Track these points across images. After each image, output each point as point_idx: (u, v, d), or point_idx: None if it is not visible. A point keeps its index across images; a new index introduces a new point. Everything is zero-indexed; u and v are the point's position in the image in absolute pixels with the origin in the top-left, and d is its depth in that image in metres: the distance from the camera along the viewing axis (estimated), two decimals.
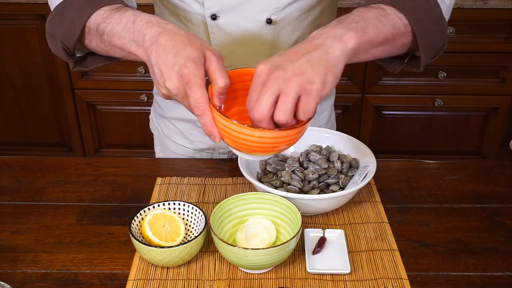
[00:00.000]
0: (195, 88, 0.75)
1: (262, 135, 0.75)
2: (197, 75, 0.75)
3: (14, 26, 2.21)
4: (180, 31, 0.80)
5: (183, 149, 1.25)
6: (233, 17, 1.03)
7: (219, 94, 0.77)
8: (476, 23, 2.14)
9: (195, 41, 0.79)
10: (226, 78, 0.77)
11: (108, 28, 0.85)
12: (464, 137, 2.39)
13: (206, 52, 0.77)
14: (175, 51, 0.76)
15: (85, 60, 0.97)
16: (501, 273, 0.88)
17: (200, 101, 0.75)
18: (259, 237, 0.89)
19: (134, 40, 0.82)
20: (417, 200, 1.04)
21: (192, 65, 0.75)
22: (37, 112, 2.41)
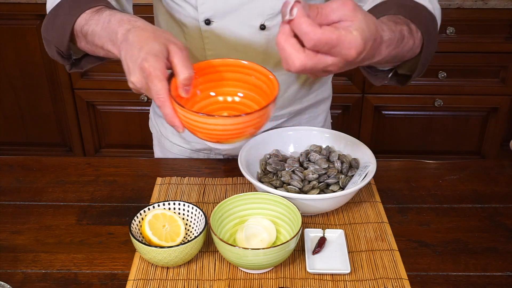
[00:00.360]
0: (155, 81, 0.77)
1: (221, 122, 0.76)
2: (157, 68, 0.76)
3: (14, 26, 2.21)
4: (148, 27, 0.82)
5: (180, 149, 1.25)
6: (226, 22, 1.03)
7: (183, 85, 0.79)
8: (476, 23, 2.14)
9: (160, 35, 0.80)
10: (189, 70, 0.78)
11: (90, 29, 0.88)
12: (464, 137, 2.39)
13: (170, 45, 0.79)
14: (139, 46, 0.78)
15: (80, 62, 1.00)
16: (501, 273, 0.88)
17: (160, 93, 0.77)
18: (259, 237, 0.89)
19: (110, 39, 0.84)
20: (417, 200, 1.04)
21: (153, 59, 0.76)
22: (37, 112, 2.41)
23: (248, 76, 0.85)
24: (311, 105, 1.21)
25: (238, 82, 0.86)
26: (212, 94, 0.86)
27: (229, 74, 0.85)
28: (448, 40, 2.16)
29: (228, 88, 0.86)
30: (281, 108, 1.17)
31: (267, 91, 0.83)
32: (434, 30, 0.90)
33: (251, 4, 1.01)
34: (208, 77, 0.85)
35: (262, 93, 0.84)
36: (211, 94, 0.86)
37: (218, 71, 0.85)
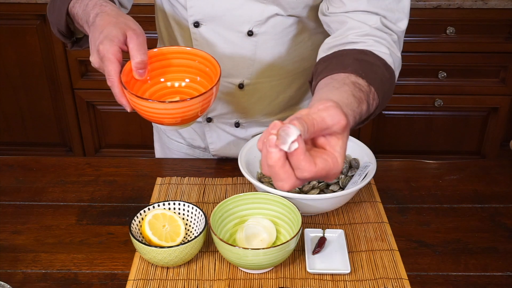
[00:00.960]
0: (107, 63, 0.83)
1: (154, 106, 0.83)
2: (109, 51, 0.82)
3: (14, 26, 2.21)
4: (112, 13, 0.88)
5: (177, 145, 1.26)
6: (215, 26, 1.04)
7: (136, 69, 0.85)
8: (476, 23, 2.14)
9: (121, 21, 0.86)
10: (142, 55, 0.84)
11: (75, 11, 0.94)
12: (464, 137, 2.39)
13: (128, 31, 0.85)
14: (100, 30, 0.85)
15: (81, 41, 1.06)
16: (501, 273, 0.88)
17: (110, 74, 0.83)
18: (259, 237, 0.89)
19: (86, 21, 0.91)
20: (417, 200, 1.04)
21: (108, 42, 0.83)
22: (37, 112, 2.41)
23: (193, 61, 0.92)
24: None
25: (185, 68, 0.92)
26: (162, 80, 0.93)
27: (176, 60, 0.92)
28: (448, 40, 2.16)
29: (176, 74, 0.93)
30: (269, 114, 1.17)
31: (210, 74, 0.90)
32: (390, 89, 0.90)
33: (239, 10, 1.01)
34: (158, 64, 0.91)
35: (207, 77, 0.91)
36: (161, 80, 0.93)
37: (166, 58, 0.92)
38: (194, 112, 0.84)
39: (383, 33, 0.92)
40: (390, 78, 0.90)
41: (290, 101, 1.17)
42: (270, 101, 1.15)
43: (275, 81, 1.11)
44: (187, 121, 0.86)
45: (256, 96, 1.13)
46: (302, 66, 1.12)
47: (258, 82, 1.11)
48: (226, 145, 1.18)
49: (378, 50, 0.90)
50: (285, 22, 1.04)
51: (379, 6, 0.92)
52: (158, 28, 1.17)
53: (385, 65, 0.89)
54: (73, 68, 2.28)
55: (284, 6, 1.01)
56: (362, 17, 0.93)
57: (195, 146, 1.24)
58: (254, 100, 1.13)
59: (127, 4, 1.10)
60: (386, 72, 0.89)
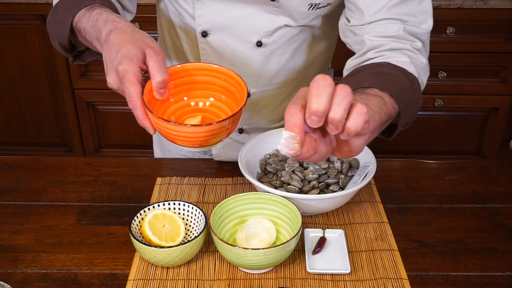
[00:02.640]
0: (128, 84, 0.79)
1: (182, 129, 0.79)
2: (130, 72, 0.78)
3: (14, 26, 2.21)
4: (127, 29, 0.84)
5: (176, 147, 1.25)
6: (223, 36, 1.04)
7: (157, 88, 0.81)
8: (476, 23, 2.14)
9: (138, 38, 0.82)
10: (164, 73, 0.80)
11: (82, 26, 0.91)
12: (464, 137, 2.39)
13: (146, 49, 0.81)
14: (117, 48, 0.81)
15: (83, 54, 1.03)
16: (501, 273, 0.88)
17: (131, 96, 0.79)
18: (259, 237, 0.89)
19: (96, 37, 0.87)
20: (417, 200, 1.04)
21: (127, 63, 0.79)
22: (37, 112, 2.41)
23: (219, 79, 0.87)
24: None
25: (209, 85, 0.88)
26: (185, 98, 0.88)
27: (201, 77, 0.88)
28: (448, 40, 2.16)
29: (200, 91, 0.89)
30: (273, 121, 1.17)
31: (236, 94, 0.86)
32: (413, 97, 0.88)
33: (247, 21, 1.01)
34: (181, 81, 0.87)
35: (233, 97, 0.87)
36: (184, 99, 0.88)
37: (190, 75, 0.88)
38: (223, 133, 0.81)
39: (404, 42, 0.91)
40: (411, 86, 0.88)
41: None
42: (274, 108, 1.15)
43: (279, 89, 1.12)
44: (215, 142, 0.82)
45: (260, 104, 1.13)
46: (306, 72, 1.13)
47: (263, 91, 1.11)
48: (229, 150, 1.17)
49: (397, 60, 0.89)
50: (293, 31, 1.04)
51: (401, 13, 0.91)
52: (161, 35, 1.16)
53: (405, 74, 0.88)
54: (73, 68, 2.28)
55: (295, 17, 1.00)
56: (383, 27, 0.92)
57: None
58: (259, 107, 1.13)
59: (132, 9, 1.08)
60: (405, 80, 0.87)
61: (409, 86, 0.88)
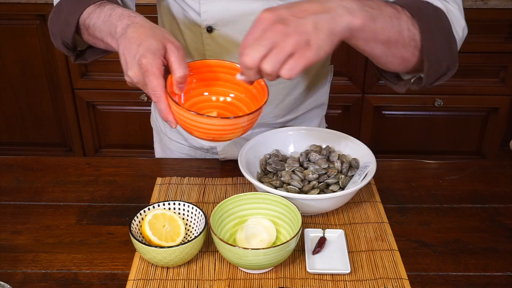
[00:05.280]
0: (152, 77, 0.79)
1: (211, 122, 0.79)
2: (154, 65, 0.79)
3: (14, 26, 2.21)
4: (146, 24, 0.84)
5: (178, 146, 1.26)
6: (228, 31, 1.04)
7: (178, 83, 0.81)
8: (476, 23, 2.13)
9: (158, 33, 0.83)
10: (185, 68, 0.81)
11: (91, 22, 0.91)
12: (464, 137, 2.39)
13: (167, 44, 0.81)
14: (138, 42, 0.81)
15: (84, 53, 1.03)
16: (501, 273, 0.88)
17: (156, 89, 0.79)
18: (259, 237, 0.89)
19: (109, 33, 0.87)
20: (417, 200, 1.04)
21: (151, 56, 0.79)
22: (37, 112, 2.41)
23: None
24: (305, 112, 1.22)
25: (230, 84, 0.89)
26: (206, 93, 0.89)
27: (223, 75, 0.89)
28: None
29: (221, 88, 0.89)
30: (276, 117, 1.17)
31: (257, 95, 0.87)
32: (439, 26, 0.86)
33: (253, 15, 1.00)
34: (203, 76, 0.88)
35: (252, 97, 0.87)
36: (205, 94, 0.89)
37: (213, 71, 0.88)
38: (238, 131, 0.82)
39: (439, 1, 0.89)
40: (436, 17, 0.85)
41: (295, 103, 1.17)
42: (277, 104, 1.15)
43: (282, 84, 1.12)
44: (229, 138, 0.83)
45: None
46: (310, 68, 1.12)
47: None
48: (234, 147, 1.17)
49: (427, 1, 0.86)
50: None
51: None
52: None
53: (432, 7, 0.85)
54: (73, 68, 2.28)
55: None
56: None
57: (198, 147, 1.24)
58: None
59: (132, 7, 1.09)
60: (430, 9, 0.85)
61: (433, 15, 0.85)
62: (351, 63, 2.21)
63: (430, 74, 0.88)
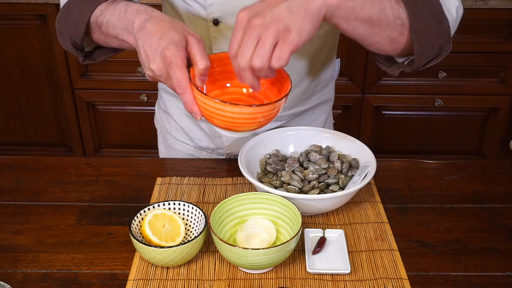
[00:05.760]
0: (176, 69, 0.80)
1: (239, 110, 0.80)
2: (177, 57, 0.80)
3: (14, 26, 2.21)
4: (165, 18, 0.85)
5: (183, 146, 1.26)
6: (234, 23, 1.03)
7: (200, 75, 0.82)
8: (476, 23, 2.14)
9: (178, 26, 0.83)
10: (207, 60, 0.82)
11: (104, 20, 0.91)
12: (464, 137, 2.39)
13: (188, 36, 0.82)
14: (159, 35, 0.81)
15: (93, 54, 1.03)
16: (501, 273, 0.88)
17: (181, 80, 0.80)
18: (259, 237, 0.89)
19: (125, 28, 0.87)
20: (417, 200, 1.04)
21: (174, 48, 0.80)
22: (37, 112, 2.41)
23: None
24: (312, 107, 1.22)
25: None
26: (228, 85, 0.90)
27: None
28: None
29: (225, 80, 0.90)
30: (284, 109, 1.17)
31: (279, 86, 0.87)
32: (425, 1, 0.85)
33: None
34: (225, 68, 0.89)
35: (274, 88, 0.88)
36: (227, 85, 0.90)
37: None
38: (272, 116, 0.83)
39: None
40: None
41: (303, 95, 1.17)
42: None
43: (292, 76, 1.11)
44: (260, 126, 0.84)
45: None
46: (314, 60, 1.13)
47: None
48: (240, 142, 1.17)
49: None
50: None
51: None
52: None
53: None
54: (73, 68, 2.28)
55: None
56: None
57: (203, 147, 1.24)
58: None
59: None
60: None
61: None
62: (351, 63, 2.21)
63: (421, 55, 0.87)
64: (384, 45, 0.88)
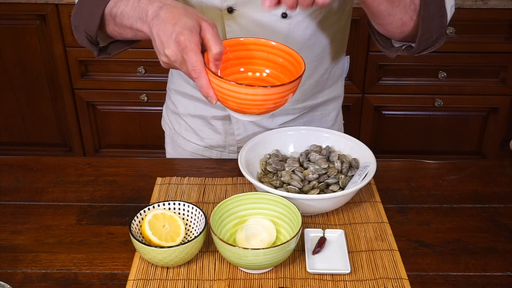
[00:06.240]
0: (191, 54, 0.81)
1: (254, 92, 0.81)
2: (192, 42, 0.81)
3: (14, 26, 2.21)
4: (178, 5, 0.86)
5: (193, 146, 1.26)
6: (248, 10, 1.04)
7: (214, 60, 0.83)
8: (476, 23, 2.14)
9: (191, 12, 0.85)
10: (221, 45, 0.83)
11: (119, 10, 0.92)
12: (464, 137, 2.39)
13: (202, 22, 0.83)
14: (173, 21, 0.83)
15: (107, 48, 1.04)
16: (501, 273, 0.88)
17: (196, 64, 0.81)
18: (259, 237, 0.89)
19: (140, 18, 0.88)
20: (417, 200, 1.04)
21: (188, 33, 0.81)
22: (37, 112, 2.41)
23: (276, 56, 0.90)
24: (324, 102, 1.23)
25: (265, 61, 0.91)
26: (242, 69, 0.91)
27: (258, 53, 0.91)
28: (448, 40, 2.16)
29: (256, 66, 0.92)
30: (296, 101, 1.17)
31: (292, 71, 0.89)
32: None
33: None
34: (238, 54, 0.90)
35: (288, 73, 0.89)
36: (241, 70, 0.91)
37: (248, 49, 0.90)
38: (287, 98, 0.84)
39: None
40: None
41: (315, 87, 1.17)
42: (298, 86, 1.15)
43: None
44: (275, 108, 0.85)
45: None
46: (329, 48, 1.14)
47: None
48: (252, 136, 1.17)
49: None
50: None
51: None
52: None
53: None
54: (73, 68, 2.28)
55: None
56: None
57: (214, 146, 1.24)
58: None
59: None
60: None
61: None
62: (351, 63, 2.21)
63: (421, 42, 0.97)
64: (395, 27, 0.97)
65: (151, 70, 2.25)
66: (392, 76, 2.26)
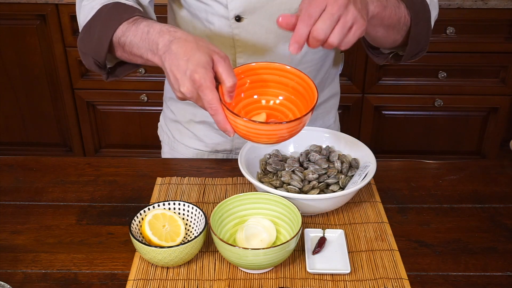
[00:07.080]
0: (207, 92, 0.82)
1: (268, 128, 0.84)
2: (207, 79, 0.81)
3: (14, 26, 2.21)
4: (189, 38, 0.85)
5: (197, 152, 1.25)
6: (256, 18, 1.04)
7: (228, 92, 0.84)
8: (476, 23, 2.14)
9: (203, 46, 0.84)
10: (233, 77, 0.84)
11: (127, 40, 0.92)
12: (464, 137, 2.39)
13: (214, 55, 0.83)
14: (186, 57, 0.82)
15: (115, 70, 1.04)
16: (501, 273, 0.88)
17: (212, 102, 0.82)
18: (259, 237, 0.89)
19: (150, 49, 0.88)
20: (417, 200, 1.04)
21: (202, 70, 0.81)
22: (37, 112, 2.41)
23: (289, 80, 0.91)
24: (324, 101, 1.24)
25: (279, 85, 0.92)
26: (255, 97, 0.93)
27: (272, 76, 0.92)
28: (448, 40, 2.16)
29: (270, 89, 0.93)
30: None
31: (305, 95, 0.90)
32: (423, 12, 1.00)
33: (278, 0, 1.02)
34: (252, 79, 0.91)
35: (301, 97, 0.91)
36: (254, 97, 0.93)
37: (259, 74, 0.92)
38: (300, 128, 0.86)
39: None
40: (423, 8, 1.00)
41: (318, 86, 1.18)
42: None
43: (309, 67, 1.13)
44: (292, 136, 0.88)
45: None
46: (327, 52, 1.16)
47: None
48: None
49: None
50: None
51: None
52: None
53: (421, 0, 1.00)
54: (73, 68, 2.28)
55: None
56: None
57: (220, 150, 1.24)
58: None
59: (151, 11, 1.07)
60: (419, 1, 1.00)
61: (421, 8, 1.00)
62: (351, 63, 2.21)
63: (409, 53, 1.04)
64: (387, 44, 1.04)
65: (151, 70, 2.25)
66: (392, 76, 2.26)
